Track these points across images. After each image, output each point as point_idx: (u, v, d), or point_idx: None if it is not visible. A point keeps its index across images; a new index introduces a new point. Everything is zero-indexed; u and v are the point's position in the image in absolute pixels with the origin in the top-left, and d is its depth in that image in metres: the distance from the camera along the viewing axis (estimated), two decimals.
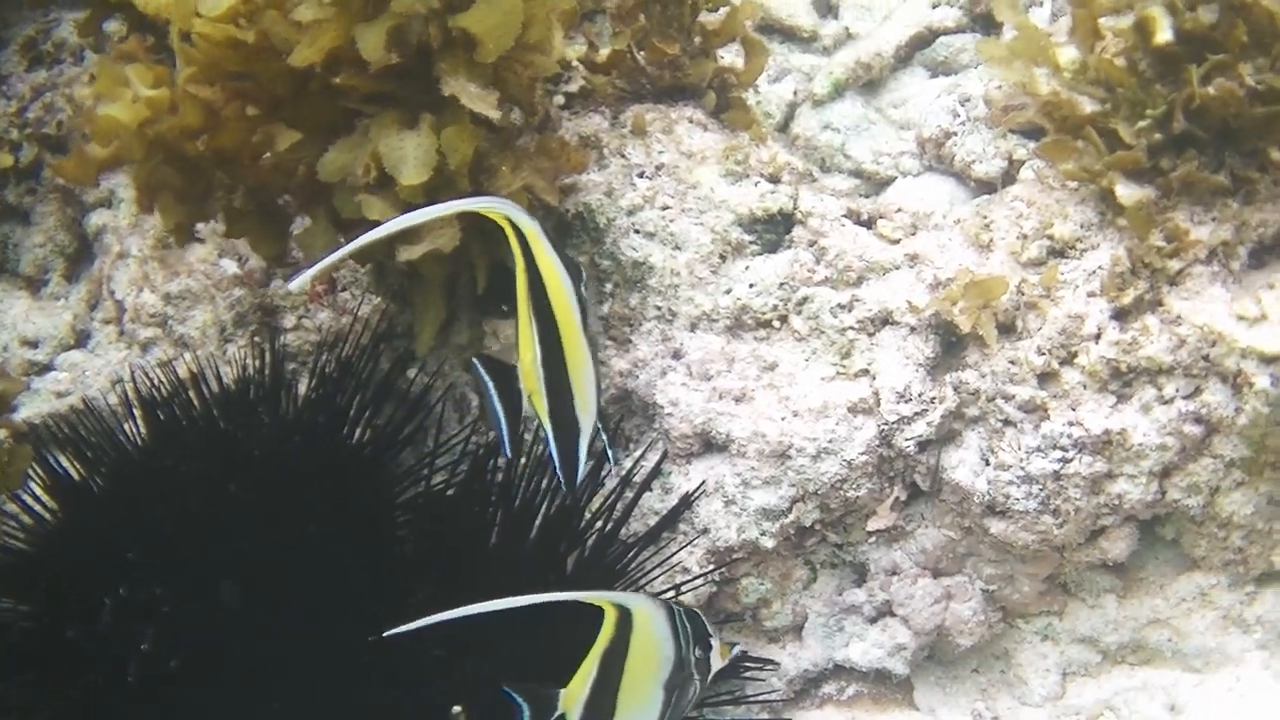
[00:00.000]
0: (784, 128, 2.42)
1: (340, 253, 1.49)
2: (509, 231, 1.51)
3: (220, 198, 1.89)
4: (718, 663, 1.63)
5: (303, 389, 2.13)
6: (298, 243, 1.93)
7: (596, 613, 1.53)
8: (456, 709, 1.82)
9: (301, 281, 1.85)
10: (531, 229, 1.53)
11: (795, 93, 2.42)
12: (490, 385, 1.58)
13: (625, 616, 1.51)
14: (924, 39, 2.52)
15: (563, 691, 1.53)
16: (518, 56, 1.83)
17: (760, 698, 2.02)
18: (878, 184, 2.34)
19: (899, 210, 2.07)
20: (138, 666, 1.71)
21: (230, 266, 2.27)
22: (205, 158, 1.84)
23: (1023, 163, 2.25)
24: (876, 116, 2.39)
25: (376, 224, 1.64)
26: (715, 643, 1.62)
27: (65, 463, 2.08)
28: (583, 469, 1.65)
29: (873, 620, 2.03)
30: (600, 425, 1.66)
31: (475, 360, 1.59)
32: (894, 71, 2.50)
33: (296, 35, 1.72)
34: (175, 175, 1.85)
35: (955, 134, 2.27)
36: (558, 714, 1.54)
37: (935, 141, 2.30)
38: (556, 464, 1.62)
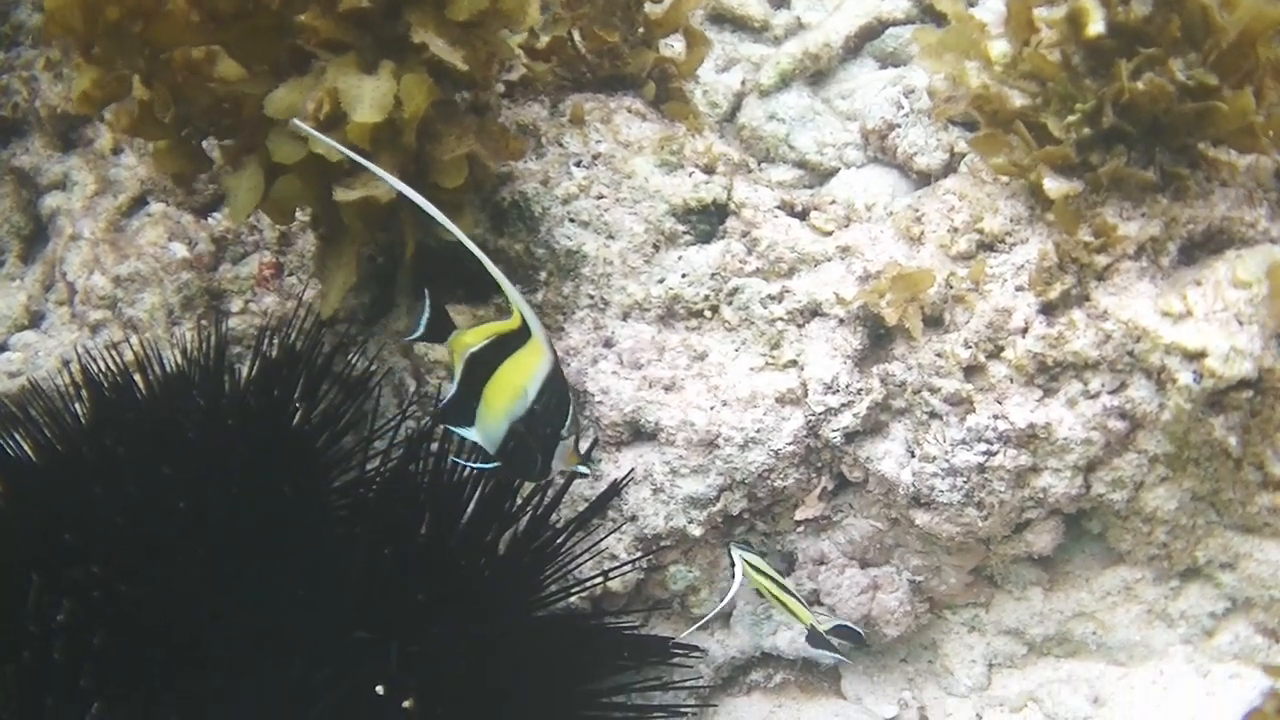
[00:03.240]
0: (731, 118, 2.43)
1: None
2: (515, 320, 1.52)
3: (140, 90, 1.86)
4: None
5: (247, 372, 2.15)
6: (225, 184, 1.91)
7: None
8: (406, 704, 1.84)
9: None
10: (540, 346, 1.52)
11: (743, 83, 2.43)
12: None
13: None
14: (873, 30, 2.52)
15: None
16: (486, 24, 1.83)
17: (687, 684, 2.04)
18: (821, 175, 2.35)
19: (833, 202, 2.08)
20: (61, 643, 1.73)
21: (179, 250, 2.29)
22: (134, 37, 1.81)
23: (964, 155, 2.25)
24: (823, 107, 2.40)
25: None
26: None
27: (16, 442, 2.10)
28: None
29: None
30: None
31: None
32: (843, 62, 2.50)
33: None
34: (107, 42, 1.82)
35: (899, 126, 2.28)
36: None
37: (879, 133, 2.31)
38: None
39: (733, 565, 1.91)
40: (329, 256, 1.97)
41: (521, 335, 1.51)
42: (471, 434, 1.58)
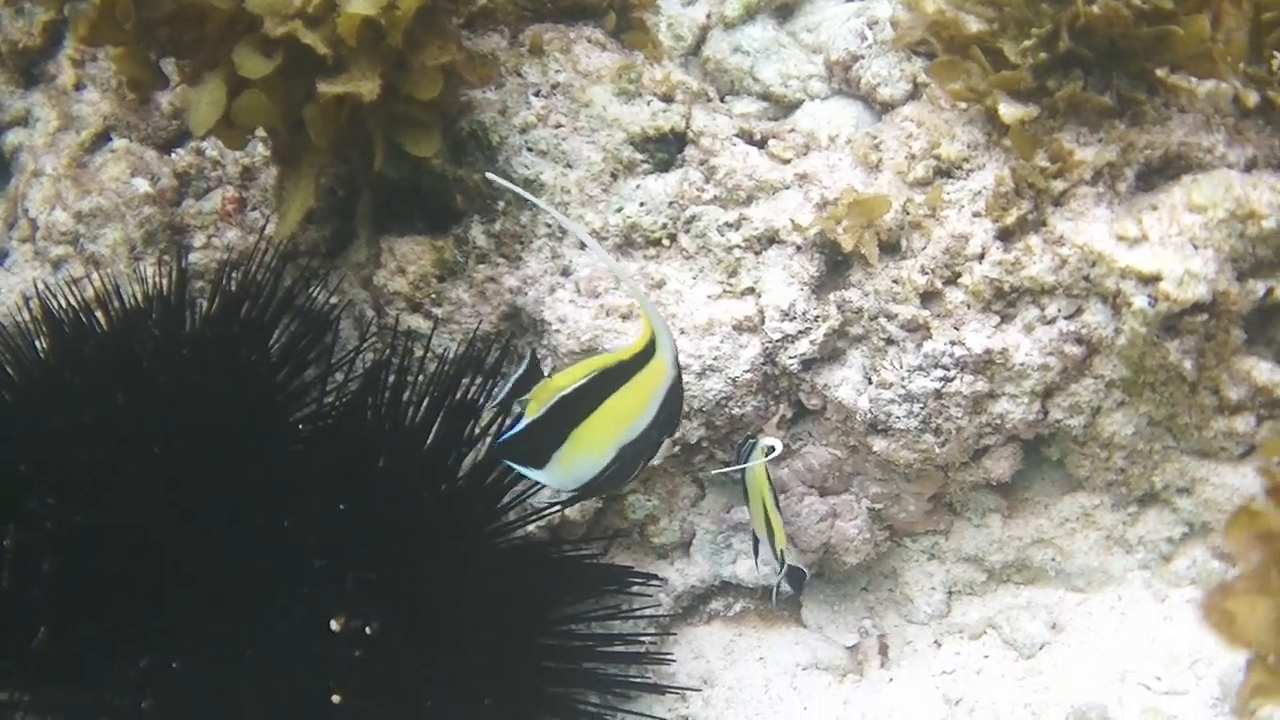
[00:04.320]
0: (696, 51, 2.42)
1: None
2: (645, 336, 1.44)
3: None
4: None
5: (207, 306, 2.15)
6: (184, 99, 1.90)
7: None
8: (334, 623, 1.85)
9: None
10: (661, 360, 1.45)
11: (709, 16, 2.41)
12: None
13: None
14: None
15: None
16: None
17: (647, 613, 2.05)
18: (786, 108, 2.33)
19: (792, 130, 2.07)
20: (8, 570, 1.74)
21: (142, 185, 2.28)
22: None
23: (927, 85, 2.24)
24: (788, 40, 2.38)
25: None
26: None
27: None
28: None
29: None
30: None
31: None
32: None
33: None
34: None
35: (863, 57, 2.26)
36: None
37: (843, 65, 2.29)
38: None
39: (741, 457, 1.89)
40: (287, 178, 1.96)
41: (637, 361, 1.43)
42: (538, 475, 1.50)
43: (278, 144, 2.01)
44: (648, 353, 1.43)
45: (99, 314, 2.13)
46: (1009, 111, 1.90)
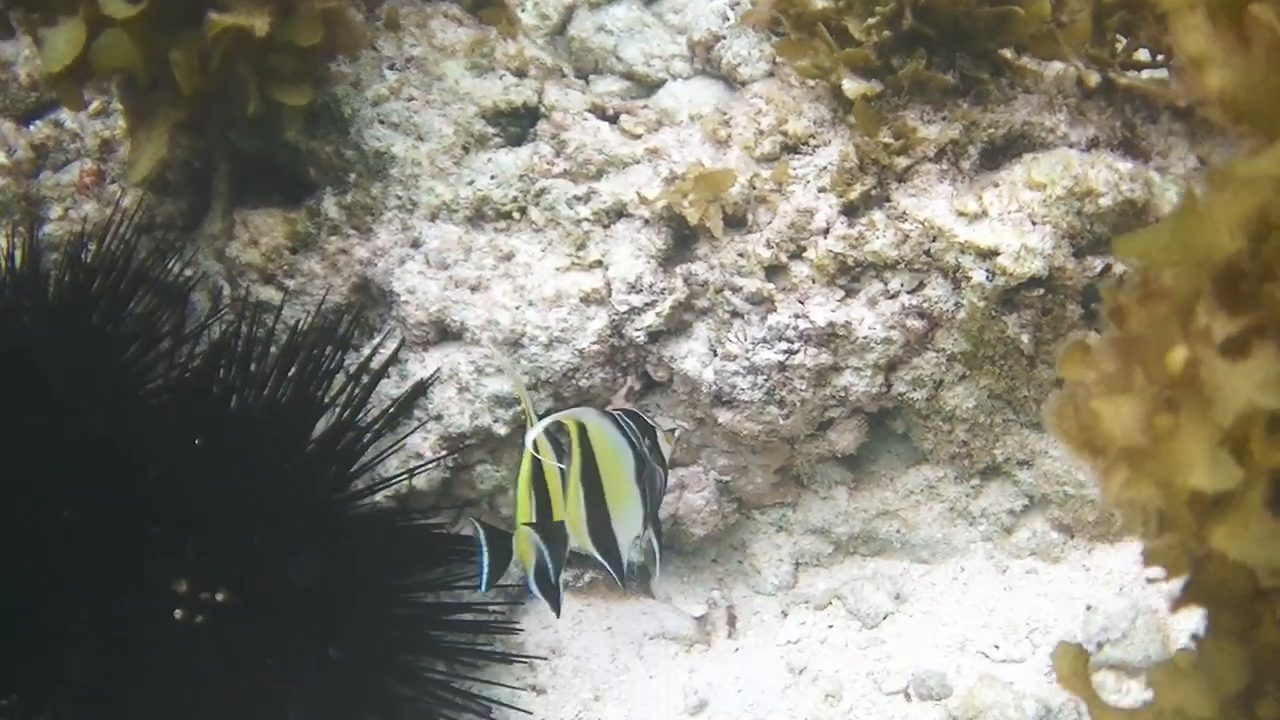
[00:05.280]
0: (562, 30, 2.43)
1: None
2: (574, 433, 1.62)
3: None
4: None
5: (59, 276, 2.14)
6: (39, 39, 1.87)
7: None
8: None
9: None
10: (595, 425, 1.63)
11: None
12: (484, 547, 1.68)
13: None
14: None
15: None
16: None
17: (499, 585, 2.06)
18: (648, 87, 2.35)
19: (644, 107, 2.09)
20: None
21: None
22: None
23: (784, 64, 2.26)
24: (653, 20, 2.40)
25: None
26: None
27: None
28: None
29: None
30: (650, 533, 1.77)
31: (476, 524, 1.69)
32: None
33: None
34: None
35: (724, 38, 2.29)
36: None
37: (705, 45, 2.32)
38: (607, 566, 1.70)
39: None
40: (140, 128, 1.95)
41: (583, 443, 1.61)
42: (621, 547, 1.69)
43: (133, 99, 1.99)
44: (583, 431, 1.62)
45: None
46: (852, 87, 1.93)
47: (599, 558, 1.66)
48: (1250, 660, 0.88)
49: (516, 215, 2.02)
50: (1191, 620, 0.94)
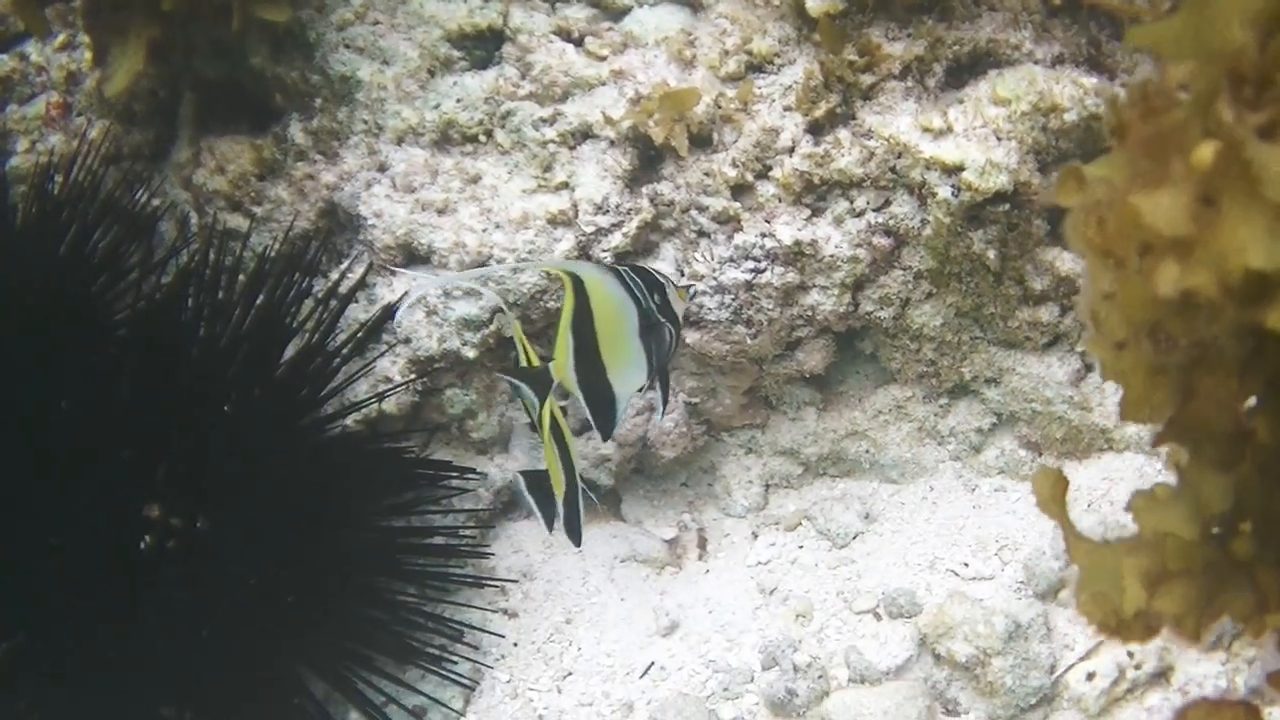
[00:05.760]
0: None
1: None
2: (567, 283, 1.61)
3: None
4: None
5: (28, 208, 2.14)
6: None
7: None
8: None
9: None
10: (593, 278, 1.62)
11: None
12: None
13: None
14: None
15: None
16: None
17: (466, 507, 2.06)
18: (615, 13, 2.33)
19: (610, 29, 2.08)
20: None
21: None
22: None
23: None
24: None
25: None
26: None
27: None
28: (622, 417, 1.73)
29: (578, 433, 2.07)
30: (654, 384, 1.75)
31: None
32: None
33: None
34: None
35: None
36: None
37: None
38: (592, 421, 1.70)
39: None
40: (114, 44, 1.94)
41: (578, 294, 1.60)
42: (624, 397, 1.67)
43: (101, 19, 1.98)
44: (578, 283, 1.60)
45: None
46: (816, 5, 1.92)
47: (586, 408, 1.65)
48: (1234, 487, 0.88)
49: (483, 138, 2.01)
50: None
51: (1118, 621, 0.93)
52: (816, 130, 1.96)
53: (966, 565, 1.98)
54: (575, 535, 1.77)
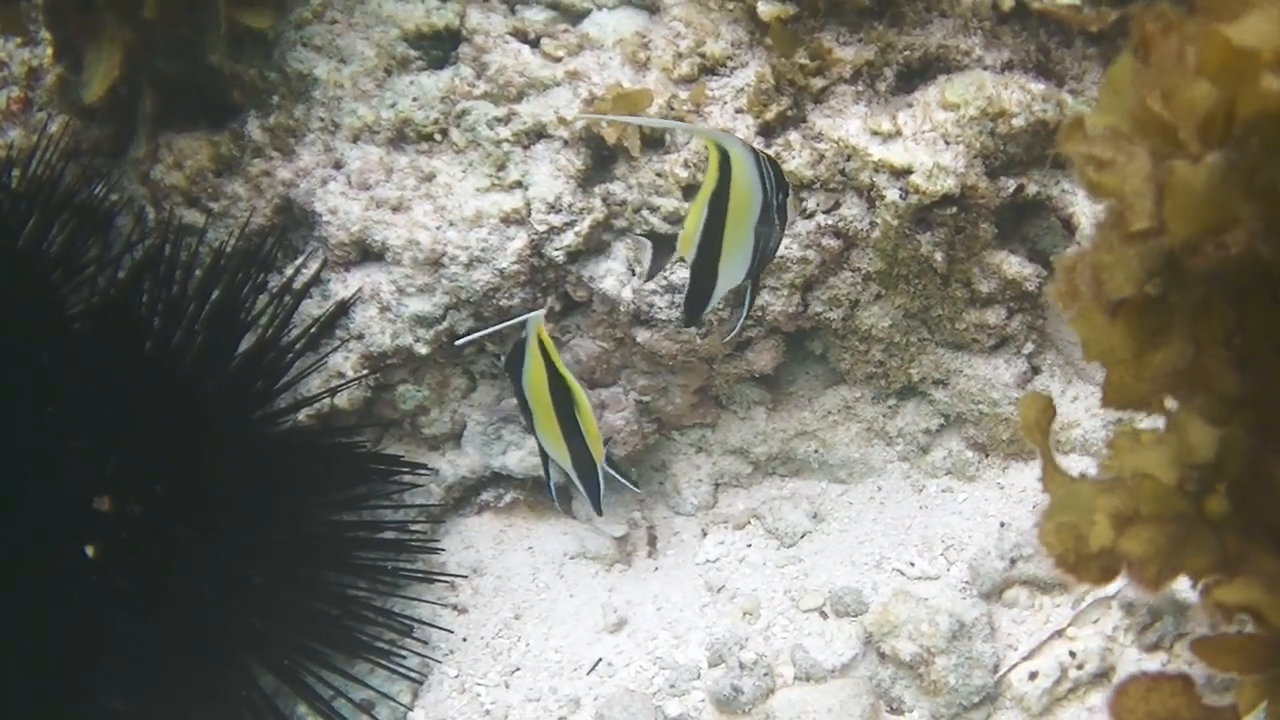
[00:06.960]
0: None
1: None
2: (713, 156, 1.54)
3: None
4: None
5: None
6: None
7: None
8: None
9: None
10: (739, 158, 1.55)
11: None
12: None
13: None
14: None
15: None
16: None
17: (417, 503, 2.08)
18: (574, 16, 2.35)
19: (565, 30, 2.10)
20: None
21: None
22: None
23: None
24: None
25: None
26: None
27: None
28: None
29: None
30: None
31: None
32: None
33: None
34: None
35: None
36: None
37: None
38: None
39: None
40: (89, 47, 1.96)
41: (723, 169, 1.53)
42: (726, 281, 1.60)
43: (69, 21, 1.99)
44: (725, 159, 1.52)
45: None
46: (767, 9, 1.95)
47: (689, 288, 1.60)
48: (1221, 442, 0.89)
49: (438, 137, 2.03)
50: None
51: (1076, 558, 0.93)
52: (768, 132, 1.98)
53: (913, 565, 2.00)
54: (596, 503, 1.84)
